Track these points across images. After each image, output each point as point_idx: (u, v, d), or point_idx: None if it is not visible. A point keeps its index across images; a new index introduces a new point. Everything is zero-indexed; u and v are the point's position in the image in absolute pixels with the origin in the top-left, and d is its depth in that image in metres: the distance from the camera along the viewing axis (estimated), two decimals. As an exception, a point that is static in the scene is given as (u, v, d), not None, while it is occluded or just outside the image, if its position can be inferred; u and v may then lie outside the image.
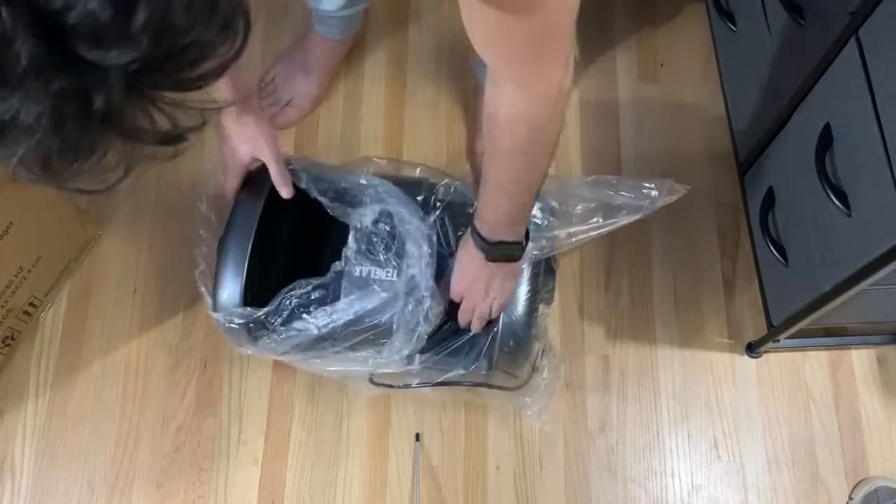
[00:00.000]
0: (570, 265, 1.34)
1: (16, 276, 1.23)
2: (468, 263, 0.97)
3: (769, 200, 1.19)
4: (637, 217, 1.04)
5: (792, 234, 1.13)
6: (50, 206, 1.26)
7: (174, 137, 0.38)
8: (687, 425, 1.26)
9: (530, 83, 0.70)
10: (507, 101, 0.72)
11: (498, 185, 0.83)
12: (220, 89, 0.96)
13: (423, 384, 1.08)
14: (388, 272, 1.01)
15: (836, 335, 1.28)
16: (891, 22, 0.84)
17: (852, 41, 0.91)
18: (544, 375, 1.11)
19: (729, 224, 1.37)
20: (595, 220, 1.03)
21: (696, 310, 1.32)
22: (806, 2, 1.04)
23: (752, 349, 1.28)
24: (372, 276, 1.02)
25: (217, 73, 0.36)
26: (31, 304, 1.29)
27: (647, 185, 1.05)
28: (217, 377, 1.29)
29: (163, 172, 1.43)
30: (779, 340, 1.21)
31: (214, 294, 1.01)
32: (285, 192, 1.03)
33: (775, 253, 1.15)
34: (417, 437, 1.24)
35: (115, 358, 1.30)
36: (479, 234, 0.91)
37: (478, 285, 0.97)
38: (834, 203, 0.94)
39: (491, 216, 0.88)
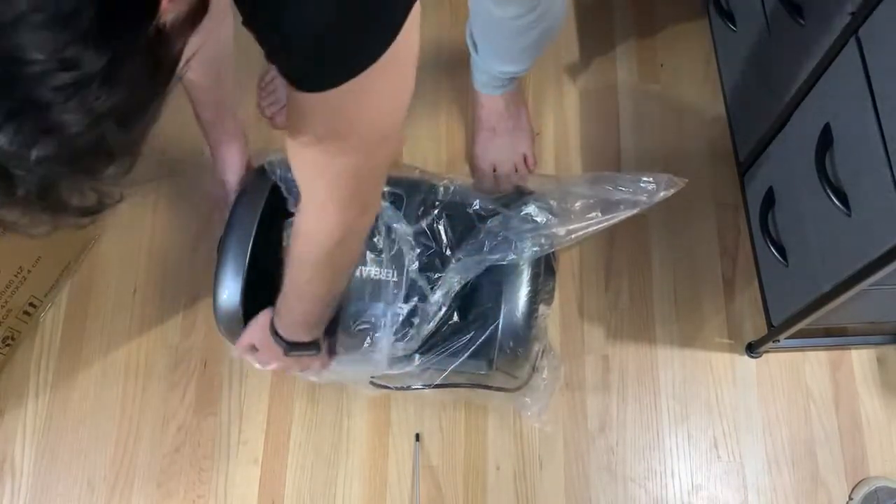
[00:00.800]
0: (570, 265, 1.34)
1: (16, 276, 1.23)
2: (269, 349, 0.98)
3: (769, 200, 1.19)
4: (635, 211, 1.04)
5: (792, 234, 1.13)
6: (50, 206, 1.26)
7: (95, 211, 0.46)
8: (687, 425, 1.26)
9: (345, 210, 0.73)
10: (315, 217, 0.76)
11: (294, 289, 0.87)
12: (203, 108, 0.99)
13: (422, 386, 1.07)
14: (387, 272, 1.01)
15: (836, 335, 1.28)
16: (891, 22, 0.84)
17: (852, 41, 0.91)
18: (544, 376, 1.11)
19: (729, 224, 1.37)
20: (594, 215, 1.03)
21: (696, 310, 1.32)
22: (806, 2, 1.04)
23: (752, 349, 1.28)
24: (372, 276, 1.02)
25: (116, 179, 0.44)
26: (31, 304, 1.29)
27: (645, 178, 1.04)
28: (217, 377, 1.29)
29: (162, 172, 1.43)
30: (779, 340, 1.21)
31: (214, 294, 1.01)
32: None
33: (775, 253, 1.15)
34: (417, 437, 1.24)
35: (115, 358, 1.30)
36: (276, 332, 0.94)
37: (274, 365, 1.01)
38: (834, 203, 0.94)
39: (287, 318, 0.92)
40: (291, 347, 0.94)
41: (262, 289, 1.05)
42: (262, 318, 0.97)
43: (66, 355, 1.31)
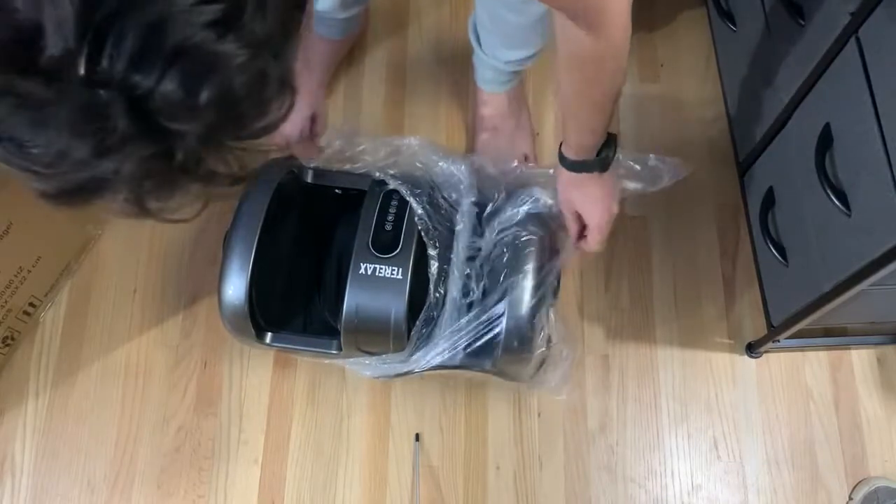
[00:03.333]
0: (570, 265, 1.34)
1: (16, 276, 1.23)
2: (592, 194, 0.98)
3: (769, 200, 1.19)
4: (639, 187, 1.05)
5: (792, 234, 1.13)
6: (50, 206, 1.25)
7: (240, 178, 0.46)
8: (687, 425, 1.26)
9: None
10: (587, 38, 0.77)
11: (593, 107, 0.88)
12: None
13: (421, 371, 1.07)
14: (394, 270, 1.01)
15: (836, 335, 1.28)
16: (891, 22, 0.84)
17: (852, 41, 0.91)
18: (561, 349, 1.11)
19: (729, 224, 1.37)
20: None
21: (696, 310, 1.32)
22: (806, 2, 1.04)
23: (752, 349, 1.28)
24: (377, 273, 1.01)
25: (272, 129, 0.44)
26: (31, 304, 1.29)
27: (653, 158, 1.05)
28: (217, 377, 1.29)
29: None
30: (779, 340, 1.21)
31: (219, 289, 1.02)
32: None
33: (775, 253, 1.15)
34: (417, 437, 1.24)
35: (115, 358, 1.30)
36: (585, 162, 0.95)
37: (607, 202, 1.01)
38: (834, 203, 0.94)
39: (584, 138, 0.93)
40: (606, 154, 0.95)
41: (268, 284, 1.05)
42: (563, 185, 0.99)
43: (66, 355, 1.31)
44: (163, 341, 1.31)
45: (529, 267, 1.02)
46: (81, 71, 0.37)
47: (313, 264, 1.20)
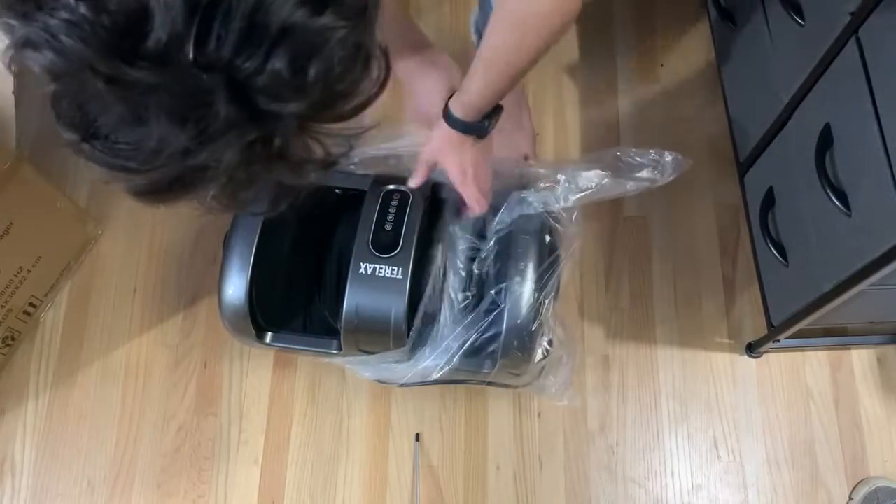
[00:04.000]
0: (570, 265, 1.34)
1: (16, 276, 1.23)
2: (459, 156, 0.95)
3: (769, 200, 1.19)
4: (644, 185, 1.03)
5: (792, 234, 1.13)
6: (50, 205, 1.26)
7: (330, 163, 0.47)
8: (687, 425, 1.26)
9: None
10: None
11: (510, 71, 0.84)
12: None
13: (425, 382, 1.07)
14: (394, 269, 1.01)
15: (836, 335, 1.28)
16: (891, 22, 0.84)
17: (852, 41, 0.91)
18: (561, 354, 1.10)
19: (729, 224, 1.37)
20: (597, 183, 1.03)
21: (696, 310, 1.32)
22: (806, 2, 1.04)
23: (752, 349, 1.28)
24: (377, 273, 1.02)
25: (366, 105, 0.45)
26: (31, 304, 1.29)
27: (653, 153, 1.04)
28: (217, 377, 1.29)
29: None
30: (779, 340, 1.21)
31: (219, 290, 1.02)
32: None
33: (775, 253, 1.15)
34: (417, 437, 1.24)
35: (115, 358, 1.31)
36: (471, 122, 0.91)
37: (469, 170, 0.97)
38: (834, 203, 0.94)
39: (481, 100, 0.89)
40: (484, 123, 0.91)
41: (269, 284, 1.05)
42: (437, 137, 0.94)
43: (66, 355, 1.31)
44: (163, 341, 1.31)
45: (529, 269, 1.02)
46: (190, 55, 0.37)
47: (313, 264, 1.20)
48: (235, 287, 1.01)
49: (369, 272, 1.01)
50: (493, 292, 1.02)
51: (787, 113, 1.12)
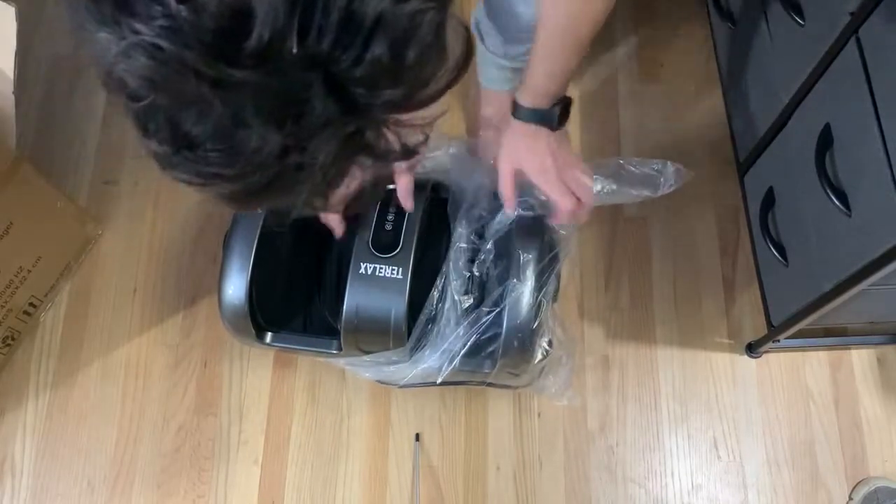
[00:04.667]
0: (570, 265, 1.34)
1: (16, 276, 1.23)
2: (538, 151, 0.92)
3: (769, 200, 1.19)
4: (643, 194, 1.03)
5: (792, 234, 1.13)
6: (50, 205, 1.26)
7: (410, 152, 0.47)
8: (687, 425, 1.26)
9: None
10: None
11: (575, 44, 0.84)
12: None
13: (425, 383, 1.07)
14: (394, 269, 1.01)
15: (836, 335, 1.28)
16: (891, 22, 0.84)
17: (852, 41, 0.91)
18: (560, 355, 1.09)
19: (729, 224, 1.37)
20: (601, 188, 1.01)
21: (696, 310, 1.32)
22: (806, 2, 1.04)
23: (752, 349, 1.28)
24: (377, 273, 1.01)
25: (450, 86, 0.45)
26: (31, 304, 1.29)
27: (654, 164, 1.04)
28: (217, 377, 1.29)
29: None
30: (779, 340, 1.21)
31: (220, 289, 1.02)
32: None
33: (775, 253, 1.15)
34: (417, 437, 1.24)
35: (115, 358, 1.31)
36: (541, 108, 0.89)
37: (549, 162, 0.93)
38: (834, 203, 0.94)
39: (550, 83, 0.88)
40: (555, 110, 0.89)
41: (269, 284, 1.05)
42: (508, 139, 0.92)
43: (66, 355, 1.31)
44: (163, 341, 1.31)
45: (529, 269, 1.02)
46: (294, 49, 0.36)
47: (313, 264, 1.20)
48: (235, 287, 1.01)
49: (369, 272, 1.01)
50: (493, 293, 1.02)
51: (787, 113, 1.12)
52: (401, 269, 1.00)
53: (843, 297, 0.98)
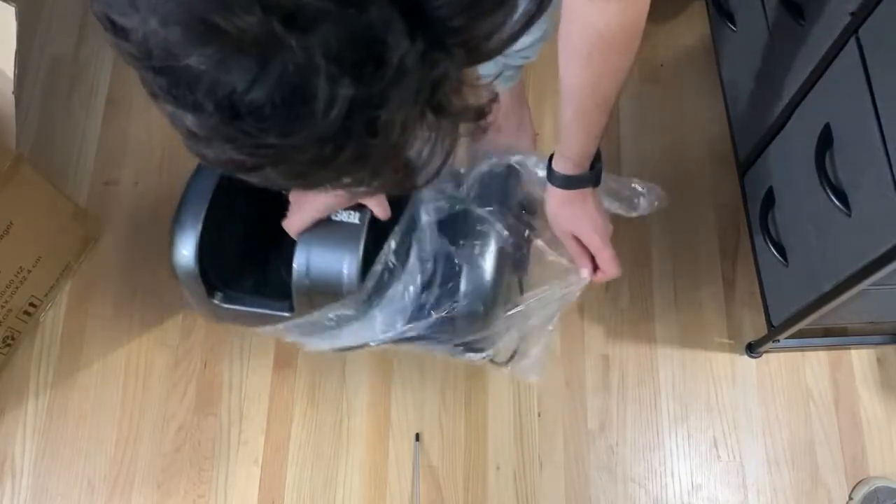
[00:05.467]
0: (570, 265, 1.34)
1: (16, 276, 1.23)
2: (588, 212, 0.92)
3: (769, 200, 1.19)
4: (618, 210, 1.01)
5: (792, 234, 1.13)
6: (50, 206, 1.26)
7: (482, 112, 0.42)
8: (687, 425, 1.26)
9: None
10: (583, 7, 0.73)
11: (604, 102, 0.81)
12: None
13: (382, 342, 0.97)
14: (350, 214, 0.92)
15: (836, 335, 1.28)
16: (891, 22, 0.84)
17: (852, 41, 0.91)
18: (532, 328, 1.02)
19: (729, 224, 1.37)
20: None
21: (696, 310, 1.32)
22: (806, 2, 1.04)
23: (752, 349, 1.28)
24: (333, 216, 0.93)
25: (523, 31, 0.40)
26: (31, 304, 1.29)
27: (635, 184, 1.00)
28: (217, 377, 1.29)
29: (163, 172, 1.43)
30: (779, 340, 1.21)
31: (171, 246, 0.96)
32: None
33: (775, 253, 1.15)
34: (417, 437, 1.24)
35: (115, 358, 1.30)
36: (583, 172, 0.88)
37: (600, 222, 0.94)
38: (834, 203, 0.94)
39: (588, 145, 0.87)
40: (595, 171, 0.89)
41: (224, 243, 1.00)
42: (557, 206, 0.91)
43: (66, 355, 1.31)
44: (163, 341, 1.31)
45: (494, 230, 0.94)
46: None
47: (274, 223, 1.08)
48: (186, 244, 0.95)
49: (326, 228, 0.92)
50: (454, 249, 0.95)
51: (787, 113, 1.12)
52: (359, 214, 0.92)
53: (843, 297, 0.98)
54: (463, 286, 0.93)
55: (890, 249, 0.85)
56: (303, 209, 0.92)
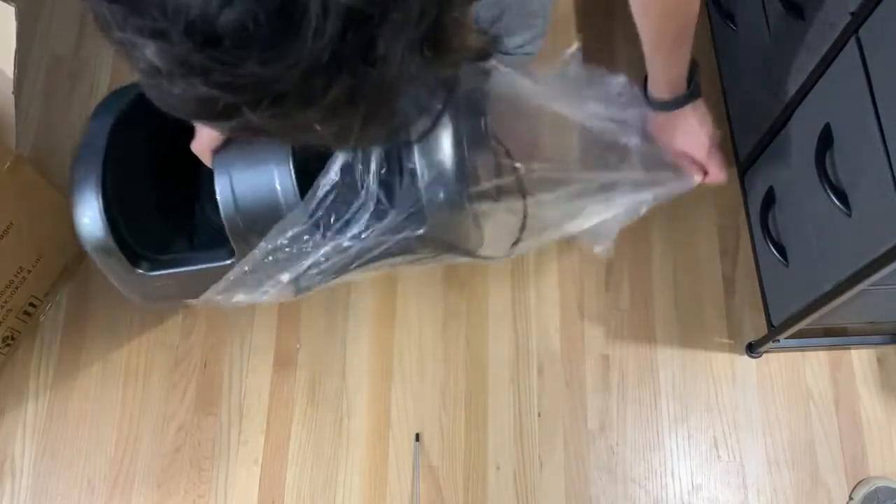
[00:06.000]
0: (571, 265, 1.34)
1: (16, 275, 1.23)
2: (692, 129, 0.92)
3: (769, 200, 1.19)
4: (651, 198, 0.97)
5: (792, 234, 1.13)
6: (50, 206, 1.26)
7: (484, 56, 0.40)
8: (687, 425, 1.26)
9: None
10: None
11: (678, 36, 0.83)
12: None
13: (357, 266, 0.82)
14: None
15: (836, 335, 1.28)
16: (891, 22, 0.84)
17: (852, 41, 0.91)
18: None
19: (729, 224, 1.37)
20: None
21: (696, 310, 1.32)
22: (806, 2, 1.04)
23: (753, 349, 1.28)
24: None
25: None
26: (31, 304, 1.29)
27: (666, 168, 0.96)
28: (217, 377, 1.29)
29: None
30: (779, 340, 1.21)
31: (74, 220, 0.86)
32: None
33: (775, 253, 1.15)
34: (417, 437, 1.24)
35: (115, 358, 1.30)
36: (678, 98, 0.89)
37: (704, 137, 0.94)
38: (834, 203, 0.94)
39: (675, 73, 0.88)
40: (696, 80, 0.90)
41: (135, 206, 0.89)
42: (662, 135, 0.91)
43: (66, 355, 1.31)
44: (163, 341, 1.31)
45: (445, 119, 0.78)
46: None
47: (184, 161, 0.93)
48: (87, 208, 0.83)
49: (241, 146, 0.78)
50: (413, 144, 0.79)
51: (787, 113, 1.12)
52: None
53: (843, 296, 0.98)
54: (423, 175, 0.78)
55: (890, 249, 0.85)
56: None
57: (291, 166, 0.76)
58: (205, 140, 0.78)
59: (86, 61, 1.53)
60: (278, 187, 0.75)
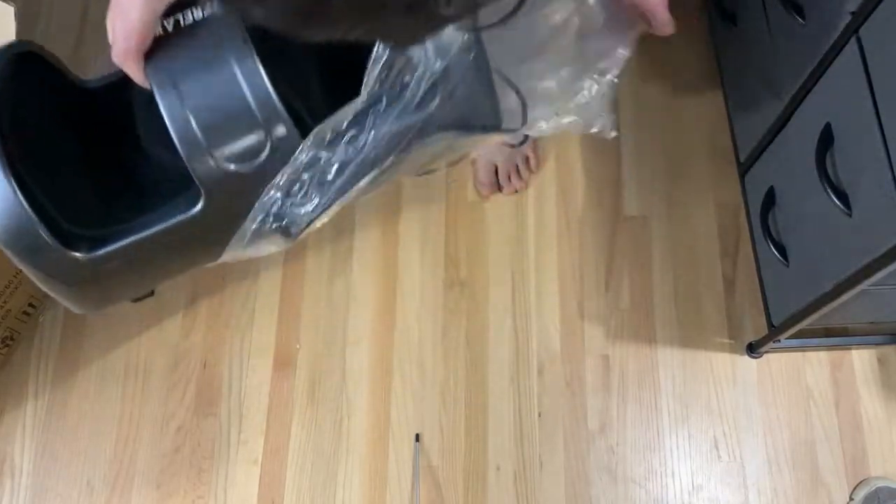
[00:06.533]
0: (571, 265, 1.34)
1: (15, 276, 1.23)
2: None
3: (769, 200, 1.19)
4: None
5: (792, 233, 1.13)
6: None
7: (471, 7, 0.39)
8: (687, 425, 1.25)
9: None
10: None
11: None
12: None
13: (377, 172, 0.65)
14: (196, 9, 0.63)
15: (837, 335, 1.28)
16: (891, 22, 0.84)
17: (853, 41, 0.91)
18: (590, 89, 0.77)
19: (729, 224, 1.37)
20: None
21: (696, 310, 1.32)
22: (806, 1, 1.04)
23: (753, 349, 1.27)
24: (181, 20, 0.63)
25: None
26: (30, 305, 1.29)
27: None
28: (217, 377, 1.29)
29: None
30: (779, 340, 1.21)
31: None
32: None
33: (776, 253, 1.15)
34: (417, 437, 1.24)
35: (115, 358, 1.30)
36: None
37: None
38: (834, 203, 0.94)
39: None
40: None
41: (65, 185, 0.70)
42: None
43: (65, 355, 1.31)
44: (163, 341, 1.31)
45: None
46: None
47: (116, 114, 0.79)
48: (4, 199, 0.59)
49: (179, 45, 0.60)
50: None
51: (788, 113, 1.12)
52: (213, 3, 0.61)
53: (843, 297, 0.98)
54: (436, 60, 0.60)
55: (890, 249, 0.85)
56: (123, 8, 0.61)
57: (258, 63, 0.59)
58: (132, 41, 0.61)
59: (86, 61, 1.53)
60: (246, 92, 0.58)
